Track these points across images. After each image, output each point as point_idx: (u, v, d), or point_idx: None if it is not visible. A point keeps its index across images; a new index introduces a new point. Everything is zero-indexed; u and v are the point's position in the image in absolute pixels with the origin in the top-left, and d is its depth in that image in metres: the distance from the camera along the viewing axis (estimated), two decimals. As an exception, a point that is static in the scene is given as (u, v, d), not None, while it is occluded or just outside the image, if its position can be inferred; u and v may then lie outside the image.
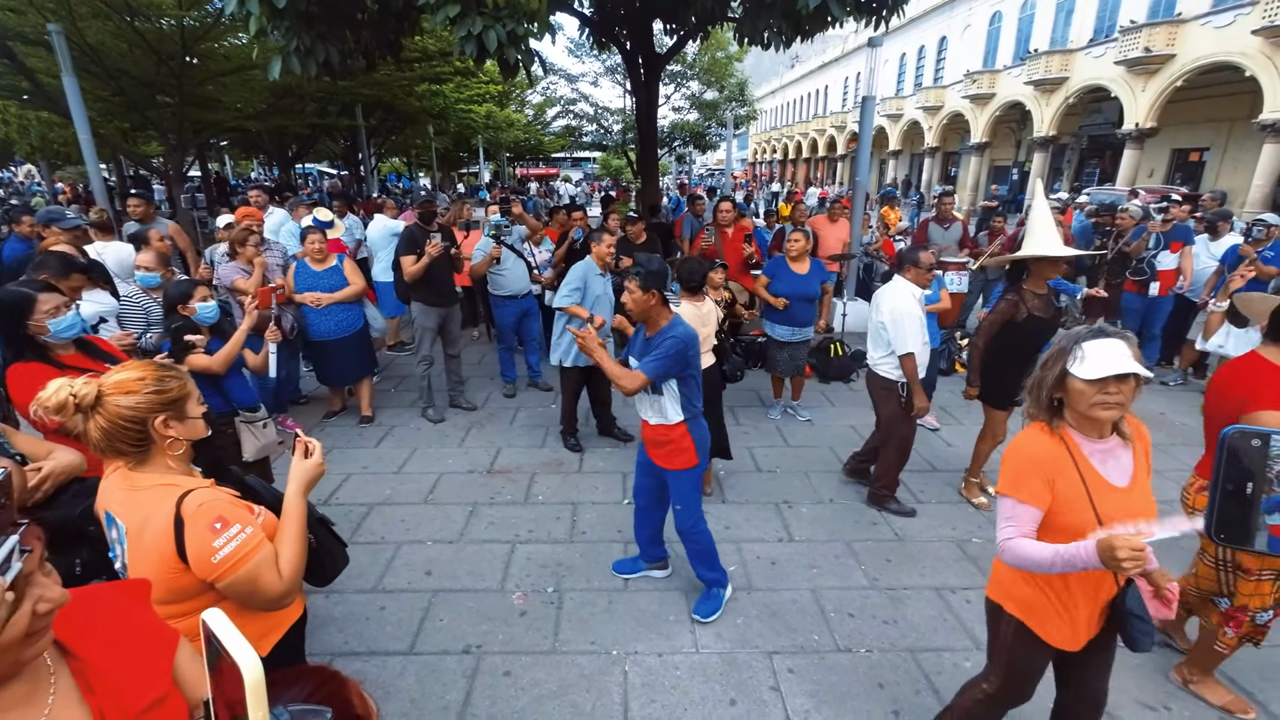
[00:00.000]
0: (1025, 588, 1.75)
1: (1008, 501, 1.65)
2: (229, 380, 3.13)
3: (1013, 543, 1.61)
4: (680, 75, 20.31)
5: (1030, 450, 1.65)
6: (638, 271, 2.61)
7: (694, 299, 3.66)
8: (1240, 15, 16.33)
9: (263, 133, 16.66)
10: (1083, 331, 1.60)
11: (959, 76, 28.42)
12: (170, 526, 1.31)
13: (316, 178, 38.60)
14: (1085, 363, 1.54)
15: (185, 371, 1.51)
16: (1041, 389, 1.64)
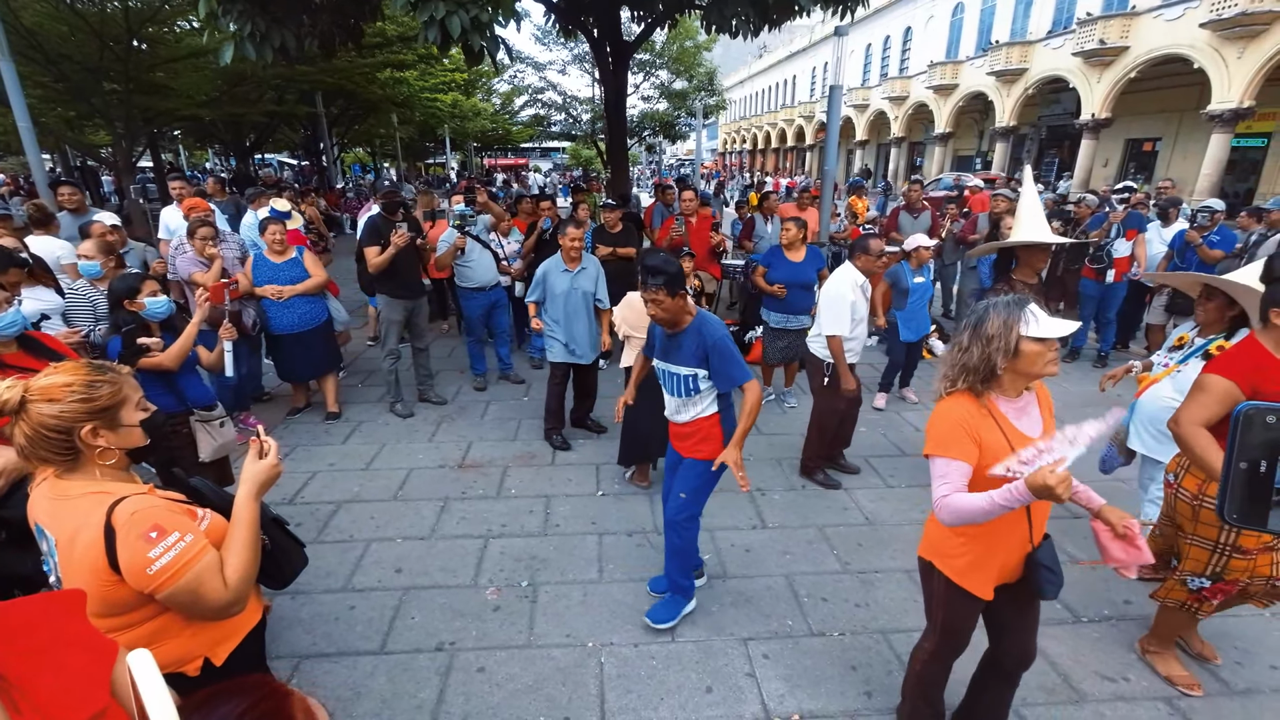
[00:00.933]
0: (952, 543, 1.85)
1: (939, 461, 1.71)
2: (183, 378, 3.01)
3: (949, 499, 1.66)
4: (649, 64, 20.18)
5: (955, 413, 1.72)
6: (660, 281, 2.41)
7: None
8: (1189, 9, 16.87)
9: (217, 121, 16.06)
10: (1002, 300, 1.70)
11: (923, 67, 28.84)
12: (100, 537, 1.24)
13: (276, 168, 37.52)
14: (1038, 325, 1.63)
15: (124, 374, 1.41)
16: (987, 359, 1.68)
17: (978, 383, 1.71)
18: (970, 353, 1.71)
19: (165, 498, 1.38)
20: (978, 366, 1.70)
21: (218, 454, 3.12)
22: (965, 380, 1.73)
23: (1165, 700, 2.42)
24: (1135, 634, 2.77)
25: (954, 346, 1.78)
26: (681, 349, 2.56)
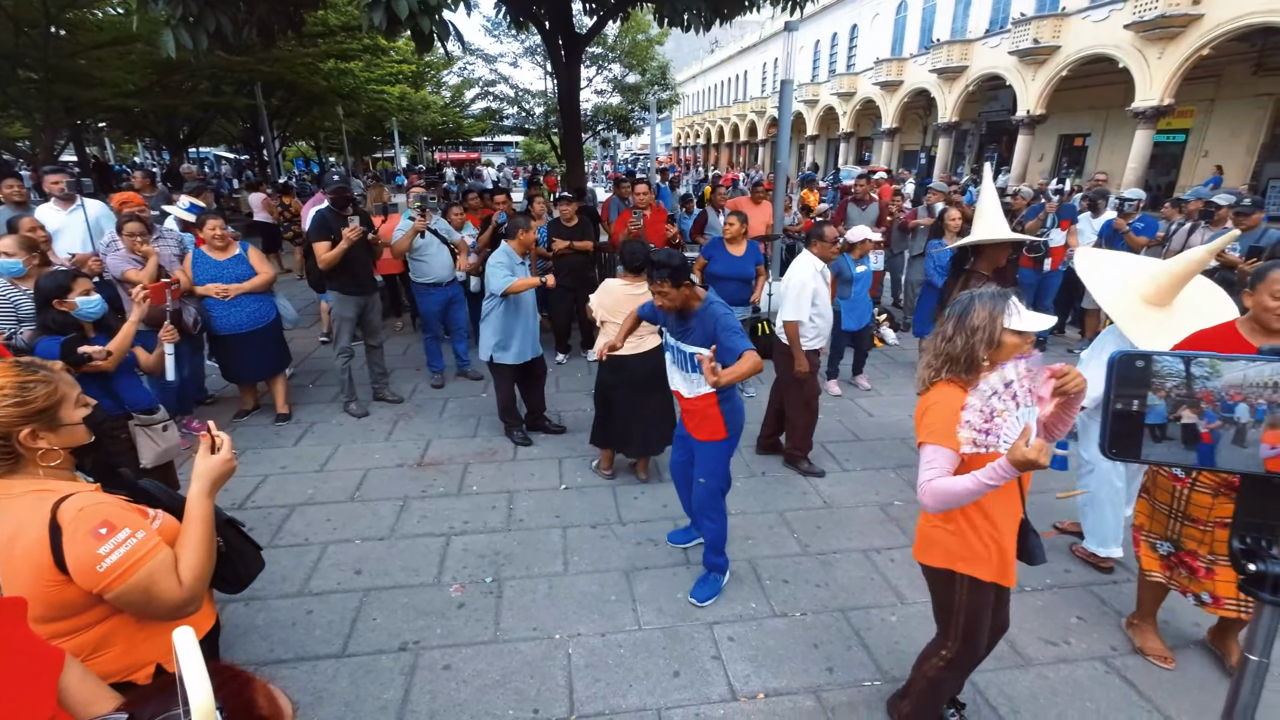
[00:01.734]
0: (962, 540, 1.84)
1: (929, 448, 1.72)
2: (119, 380, 2.87)
3: (933, 483, 1.67)
4: (602, 58, 20.10)
5: (948, 402, 1.73)
6: (664, 274, 2.57)
7: (635, 279, 3.65)
8: (1114, 10, 17.77)
9: (148, 113, 15.22)
10: (986, 292, 1.75)
11: (870, 64, 29.56)
12: (45, 535, 1.18)
13: (214, 163, 35.86)
14: (1021, 319, 1.69)
15: (58, 371, 1.35)
16: (971, 350, 1.72)
17: (961, 372, 1.74)
18: (954, 343, 1.74)
19: (114, 496, 1.32)
20: (960, 356, 1.73)
21: (161, 459, 2.98)
22: (949, 370, 1.76)
23: (1102, 660, 2.58)
24: (1075, 600, 2.94)
25: (938, 337, 1.81)
26: (692, 331, 2.69)
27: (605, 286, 3.71)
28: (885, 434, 4.69)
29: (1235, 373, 0.99)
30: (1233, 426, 0.99)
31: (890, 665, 2.56)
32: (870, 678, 2.50)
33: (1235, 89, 17.60)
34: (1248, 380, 0.98)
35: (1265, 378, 0.97)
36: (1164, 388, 1.02)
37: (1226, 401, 0.99)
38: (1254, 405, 0.98)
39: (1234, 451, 1.00)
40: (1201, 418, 1.01)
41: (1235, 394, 0.99)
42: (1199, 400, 1.01)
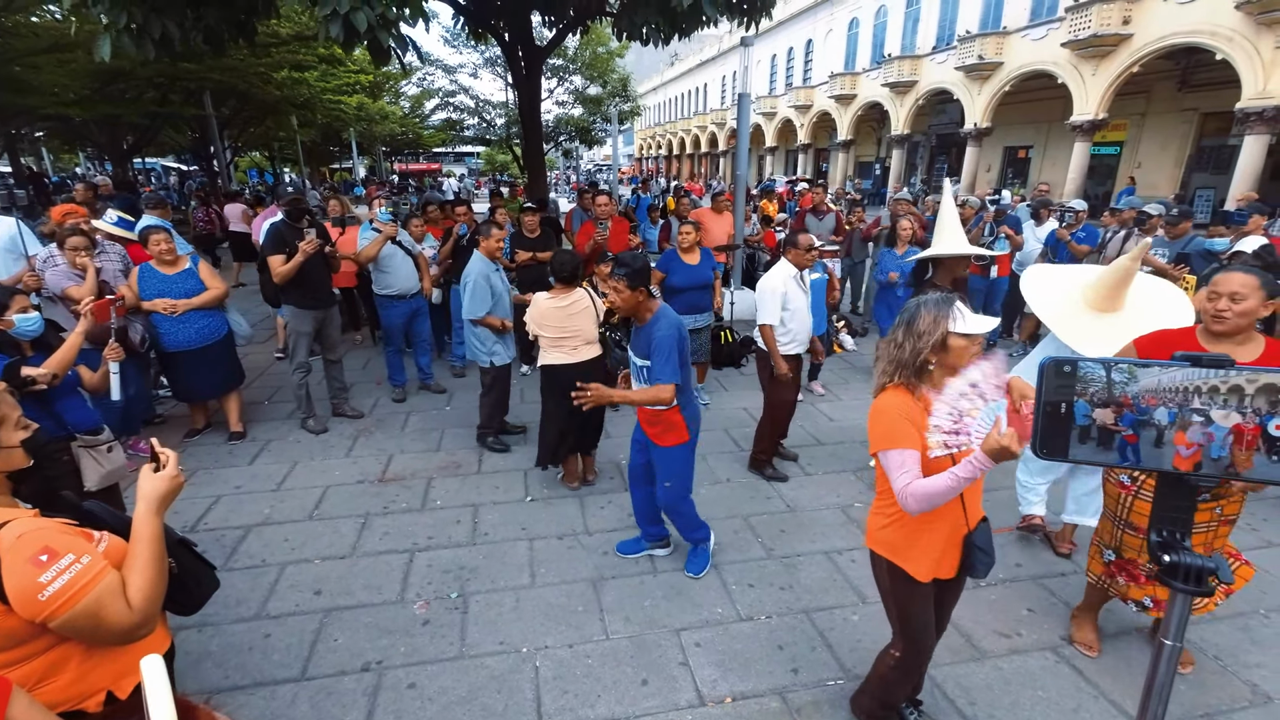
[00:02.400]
0: (896, 531, 1.94)
1: (893, 453, 1.76)
2: (61, 401, 2.74)
3: (912, 486, 1.71)
4: (563, 69, 20.17)
5: (895, 404, 1.81)
6: (623, 272, 2.66)
7: (565, 290, 3.68)
8: (1051, 30, 18.70)
9: (89, 122, 14.63)
10: (931, 298, 1.82)
11: (825, 77, 30.38)
12: None
13: (161, 174, 34.61)
14: (966, 322, 1.75)
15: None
16: (918, 354, 1.78)
17: (911, 376, 1.81)
18: (904, 348, 1.81)
19: (55, 521, 1.28)
20: (910, 361, 1.79)
21: (106, 481, 2.85)
22: (900, 375, 1.82)
23: (1052, 649, 2.69)
24: (1026, 593, 3.06)
25: (889, 342, 1.87)
26: (639, 341, 2.76)
27: (534, 300, 3.73)
28: (845, 437, 4.81)
29: (1150, 378, 1.06)
30: (1152, 429, 1.07)
31: (853, 663, 2.62)
32: (834, 677, 2.56)
33: (1163, 104, 18.67)
34: (1161, 385, 1.06)
35: (1177, 383, 1.05)
36: (1087, 391, 1.09)
37: (1142, 405, 1.06)
38: (1168, 409, 1.05)
39: (1153, 452, 1.08)
40: (1120, 420, 1.08)
41: (1150, 398, 1.06)
42: (1119, 403, 1.08)
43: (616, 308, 2.78)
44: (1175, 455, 1.07)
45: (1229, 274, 2.19)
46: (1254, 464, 1.03)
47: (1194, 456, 1.06)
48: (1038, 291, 3.02)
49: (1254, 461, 1.03)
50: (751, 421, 5.00)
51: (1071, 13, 17.49)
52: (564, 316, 3.68)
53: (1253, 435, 1.02)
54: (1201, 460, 1.06)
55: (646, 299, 2.74)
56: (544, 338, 3.71)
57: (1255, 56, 13.82)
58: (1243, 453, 1.03)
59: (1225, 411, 1.03)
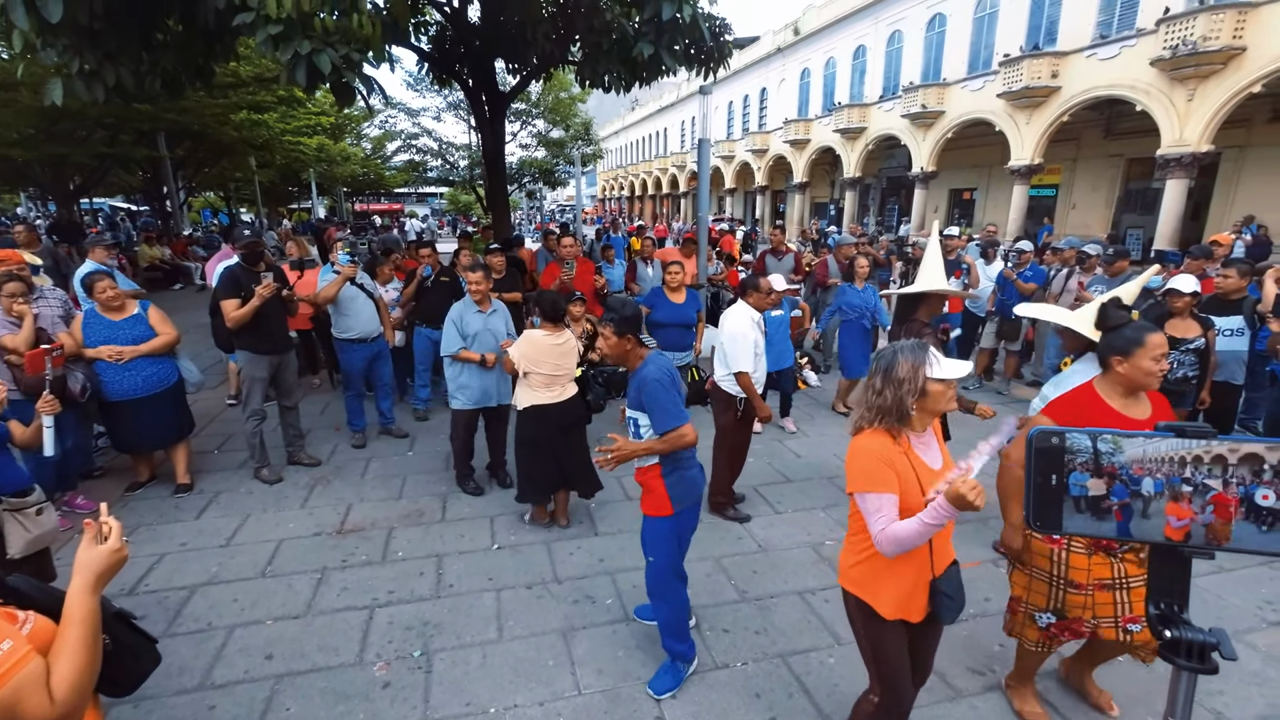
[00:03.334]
0: (865, 570, 1.96)
1: (870, 497, 1.80)
2: (-12, 459, 2.56)
3: (886, 531, 1.75)
4: (526, 113, 20.50)
5: (873, 447, 1.84)
6: (611, 318, 2.54)
7: (554, 329, 3.67)
8: (988, 81, 19.97)
9: (33, 161, 14.13)
10: (907, 345, 1.86)
11: (780, 123, 31.64)
12: None
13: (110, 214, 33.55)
14: (941, 368, 1.81)
15: None
16: (905, 400, 1.81)
17: (894, 421, 1.84)
18: (884, 395, 1.84)
19: None
20: (892, 407, 1.83)
21: (33, 547, 2.65)
22: (883, 421, 1.85)
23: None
24: (995, 627, 3.07)
25: (867, 388, 1.91)
26: (631, 390, 2.60)
27: (527, 337, 3.71)
28: (814, 474, 4.83)
29: (1135, 448, 1.06)
30: (1140, 499, 1.06)
31: (831, 709, 2.57)
32: (812, 724, 2.50)
33: (1092, 150, 19.99)
34: (1147, 455, 1.06)
35: (1163, 453, 1.05)
36: (1076, 462, 1.08)
37: (1131, 475, 1.06)
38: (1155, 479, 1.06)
39: (1143, 522, 1.07)
40: (1111, 491, 1.07)
41: (1138, 468, 1.06)
42: (1106, 474, 1.07)
43: (604, 354, 2.68)
44: (1166, 525, 1.06)
45: (1160, 334, 2.18)
46: (1238, 533, 1.03)
47: (1185, 527, 1.05)
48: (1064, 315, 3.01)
49: (1239, 530, 1.03)
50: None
51: (1005, 66, 18.73)
52: (559, 354, 3.68)
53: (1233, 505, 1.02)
54: (1191, 531, 1.05)
55: (635, 346, 2.59)
56: (536, 374, 3.65)
57: (1171, 108, 14.98)
58: (1223, 524, 1.03)
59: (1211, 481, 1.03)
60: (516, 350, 3.66)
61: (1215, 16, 13.49)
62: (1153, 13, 15.06)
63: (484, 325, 4.22)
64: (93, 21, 4.49)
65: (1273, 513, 1.00)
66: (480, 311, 4.24)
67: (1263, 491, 1.00)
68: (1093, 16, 16.99)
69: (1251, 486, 1.01)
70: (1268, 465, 1.00)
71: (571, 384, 3.82)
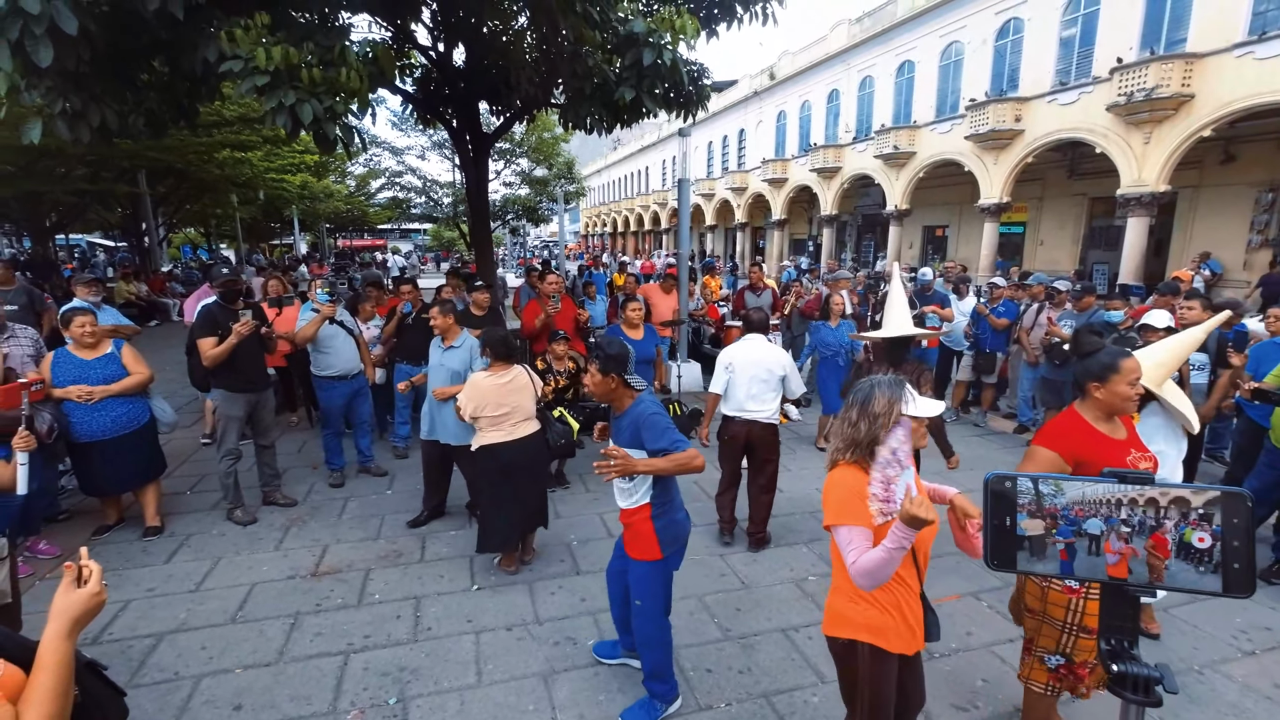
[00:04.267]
0: (871, 611, 1.91)
1: (843, 530, 1.83)
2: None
3: (858, 564, 1.76)
4: (509, 152, 20.84)
5: (848, 482, 1.87)
6: (597, 355, 2.57)
7: (502, 367, 3.67)
8: (955, 124, 20.81)
9: (9, 197, 14.01)
10: (884, 380, 1.91)
11: (758, 162, 32.50)
12: None
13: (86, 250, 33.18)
14: (916, 405, 1.86)
15: None
16: (873, 435, 1.85)
17: (865, 454, 1.87)
18: (859, 428, 1.88)
19: None
20: (864, 441, 1.87)
21: None
22: (855, 453, 1.89)
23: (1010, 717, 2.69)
24: (978, 662, 3.07)
25: (843, 421, 1.94)
26: (622, 431, 2.57)
27: (471, 381, 3.65)
28: (796, 509, 4.84)
29: (1075, 491, 1.14)
30: (1086, 539, 1.14)
31: (815, 750, 2.54)
32: (797, 766, 2.47)
33: (1057, 189, 20.78)
34: (1087, 498, 1.13)
35: (1101, 495, 1.13)
36: (1024, 504, 1.16)
37: (1072, 516, 1.14)
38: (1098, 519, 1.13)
39: (1088, 561, 1.14)
40: (1056, 532, 1.15)
41: (1079, 510, 1.14)
42: (1048, 515, 1.15)
43: (591, 393, 2.68)
44: (1108, 565, 1.13)
45: (1133, 359, 2.25)
46: (1174, 571, 1.10)
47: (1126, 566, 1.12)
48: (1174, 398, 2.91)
49: (1174, 569, 1.10)
50: (705, 496, 4.99)
51: (971, 110, 19.55)
52: (505, 393, 3.65)
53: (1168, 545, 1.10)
54: (1132, 569, 1.12)
55: (620, 386, 2.59)
56: (483, 417, 3.64)
57: (1128, 150, 15.70)
58: (1159, 563, 1.10)
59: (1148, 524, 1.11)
60: (463, 398, 3.63)
61: (1165, 65, 14.27)
62: (1107, 62, 15.89)
63: (439, 360, 4.28)
64: (79, 66, 4.53)
65: (1207, 554, 1.07)
66: (441, 346, 4.31)
67: (1198, 534, 1.08)
68: (1051, 65, 17.87)
69: (1181, 527, 1.09)
70: (1194, 508, 1.08)
71: (526, 422, 3.76)
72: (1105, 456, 2.24)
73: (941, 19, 21.28)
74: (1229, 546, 1.06)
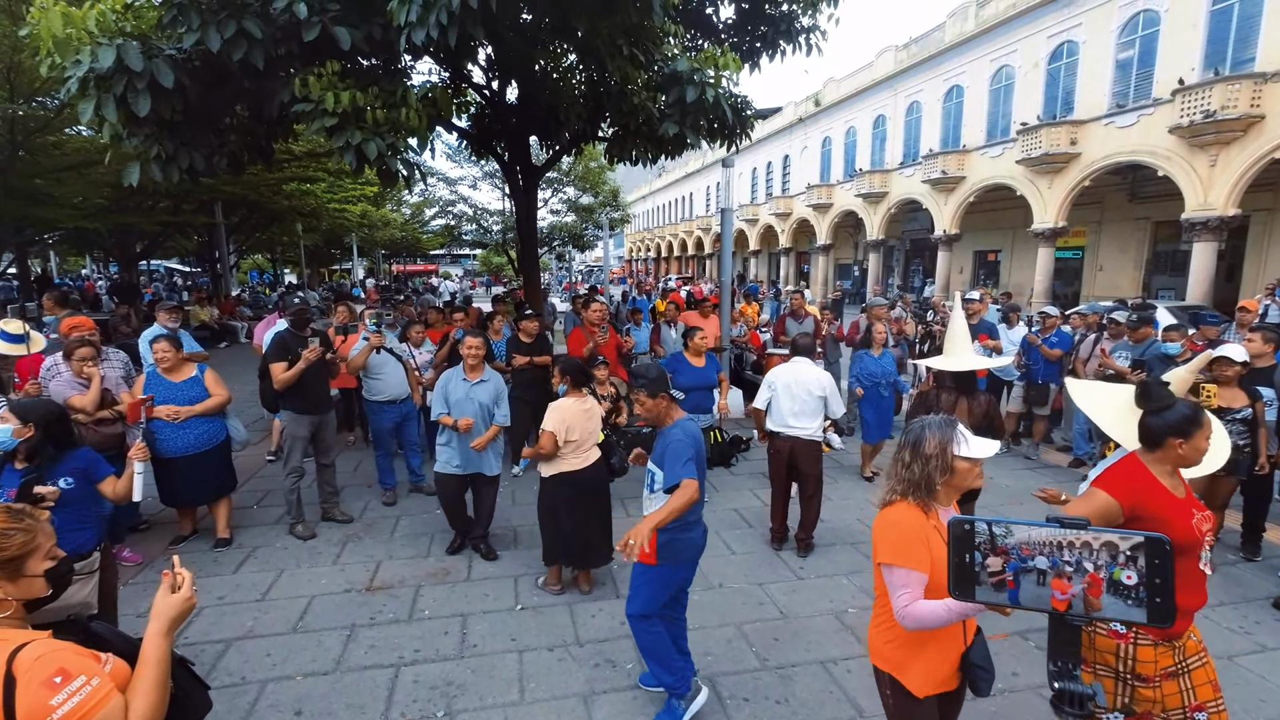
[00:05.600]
0: (896, 650, 1.95)
1: (899, 571, 1.82)
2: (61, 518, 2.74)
3: (911, 607, 1.77)
4: (557, 181, 21.50)
5: (908, 522, 1.88)
6: (642, 384, 2.76)
7: (577, 394, 3.82)
8: (1007, 149, 20.40)
9: (102, 229, 15.25)
10: (935, 421, 1.93)
11: (803, 188, 32.48)
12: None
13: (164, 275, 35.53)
14: (970, 446, 1.89)
15: (41, 520, 1.38)
16: (933, 476, 1.87)
17: (923, 495, 1.90)
18: (913, 469, 1.90)
19: (67, 644, 1.32)
20: (920, 482, 1.89)
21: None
22: (914, 494, 1.90)
23: (1054, 765, 2.62)
24: (1025, 703, 3.00)
25: (897, 462, 1.97)
26: (657, 448, 2.78)
27: (559, 406, 3.75)
28: (837, 539, 4.81)
29: (1022, 533, 1.31)
30: (1033, 573, 1.31)
31: (853, 784, 2.53)
32: (833, 799, 2.47)
33: (1117, 213, 20.06)
34: (1033, 539, 1.30)
35: (1044, 537, 1.30)
36: (977, 544, 1.34)
37: (1021, 555, 1.31)
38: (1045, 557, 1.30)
39: (1035, 594, 1.31)
40: (1006, 567, 1.32)
41: (1026, 549, 1.31)
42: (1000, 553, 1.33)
43: (644, 417, 2.87)
44: (1053, 598, 1.30)
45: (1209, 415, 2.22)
46: (1104, 604, 1.27)
47: (1067, 600, 1.28)
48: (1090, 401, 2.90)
49: (1106, 602, 1.27)
50: (743, 524, 5.03)
51: (1023, 134, 19.15)
52: (585, 419, 3.80)
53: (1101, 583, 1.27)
54: (1072, 603, 1.28)
55: (669, 404, 2.81)
56: (569, 442, 3.75)
57: (1193, 173, 15.08)
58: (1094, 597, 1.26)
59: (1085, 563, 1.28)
60: (553, 422, 3.69)
61: (1232, 87, 13.74)
62: (1168, 83, 15.39)
63: (467, 394, 4.27)
64: (173, 115, 5.02)
65: (1134, 589, 1.25)
66: (466, 380, 4.32)
67: (1126, 572, 1.25)
68: (1108, 87, 17.41)
69: (1110, 567, 1.26)
70: (1121, 551, 1.26)
71: (595, 450, 3.93)
72: (1168, 514, 2.15)
73: (991, 43, 21.05)
74: (1151, 584, 1.23)
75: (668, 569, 2.78)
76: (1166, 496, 2.20)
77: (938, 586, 1.81)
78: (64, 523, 2.71)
